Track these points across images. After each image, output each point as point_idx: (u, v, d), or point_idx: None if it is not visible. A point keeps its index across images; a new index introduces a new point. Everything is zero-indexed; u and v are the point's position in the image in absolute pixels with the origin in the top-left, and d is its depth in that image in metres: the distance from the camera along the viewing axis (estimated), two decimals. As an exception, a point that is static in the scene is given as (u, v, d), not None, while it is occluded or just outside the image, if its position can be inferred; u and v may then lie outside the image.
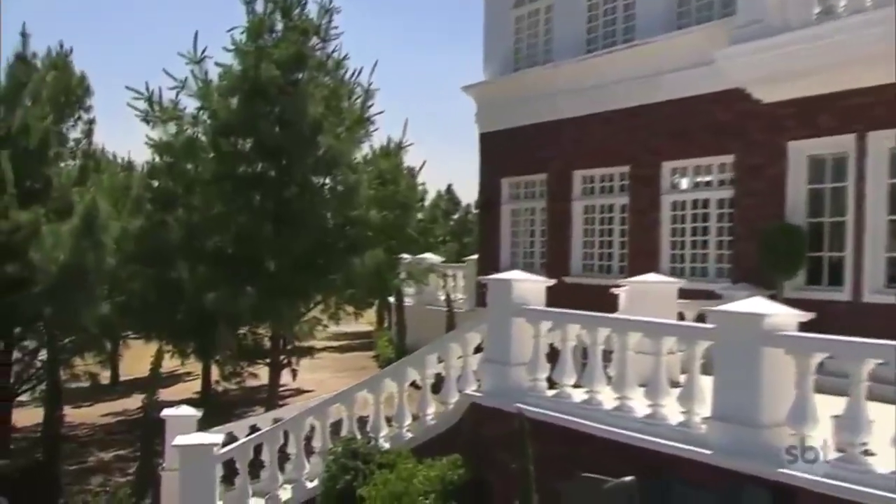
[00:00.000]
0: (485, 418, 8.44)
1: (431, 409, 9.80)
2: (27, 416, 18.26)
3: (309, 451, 11.25)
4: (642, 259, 14.77)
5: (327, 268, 17.53)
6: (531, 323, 8.08)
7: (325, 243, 18.22)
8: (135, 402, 15.57)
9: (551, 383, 8.11)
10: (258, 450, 11.35)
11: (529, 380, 8.08)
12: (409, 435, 9.82)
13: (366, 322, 33.91)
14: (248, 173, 17.91)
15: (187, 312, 17.06)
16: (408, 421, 10.05)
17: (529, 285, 8.50)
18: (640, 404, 7.04)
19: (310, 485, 10.52)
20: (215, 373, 20.56)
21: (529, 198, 18.95)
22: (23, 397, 16.46)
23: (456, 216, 57.31)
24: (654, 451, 6.47)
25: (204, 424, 13.12)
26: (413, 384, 10.26)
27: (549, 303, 8.45)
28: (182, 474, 10.91)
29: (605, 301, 10.32)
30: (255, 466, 11.60)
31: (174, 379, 28.04)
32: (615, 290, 10.86)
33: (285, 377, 19.87)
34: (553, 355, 8.12)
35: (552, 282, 8.72)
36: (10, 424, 15.73)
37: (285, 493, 10.91)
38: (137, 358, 17.07)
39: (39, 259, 13.35)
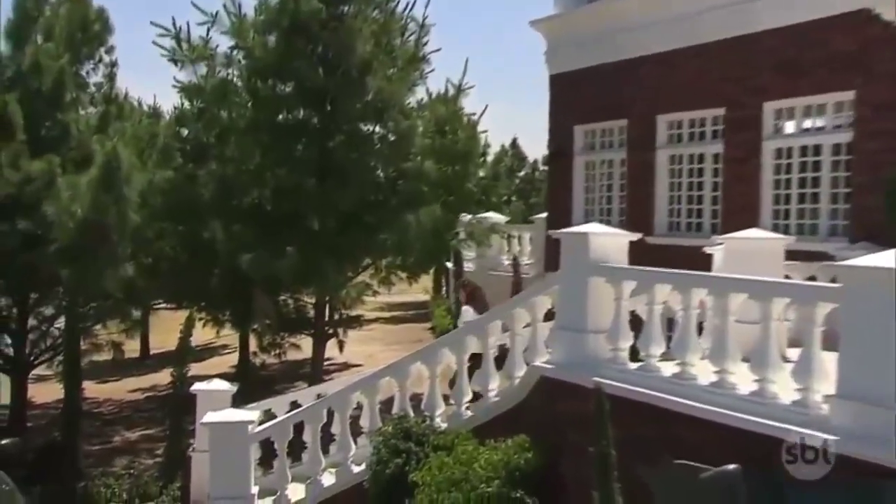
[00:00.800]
0: (557, 394, 8.05)
1: (494, 385, 9.45)
2: (48, 391, 18.58)
3: (356, 432, 11.07)
4: (738, 216, 14.09)
5: (377, 226, 17.31)
6: (612, 283, 7.63)
7: (374, 199, 18.01)
8: (165, 376, 15.64)
9: (634, 354, 7.67)
10: (299, 429, 11.21)
11: (609, 350, 7.64)
12: (469, 414, 9.50)
13: (421, 290, 33.81)
14: (289, 121, 17.75)
15: (221, 276, 17.05)
16: (467, 398, 9.72)
17: (609, 240, 8.03)
18: (743, 379, 6.56)
19: (356, 469, 10.32)
20: (254, 345, 20.63)
21: (606, 147, 18.35)
22: (43, 371, 16.64)
23: (522, 174, 56.74)
24: (763, 434, 5.99)
25: (240, 401, 13.08)
26: (474, 356, 9.93)
27: (630, 265, 7.99)
28: (213, 455, 10.82)
29: (693, 264, 9.73)
30: (296, 448, 11.49)
31: (209, 352, 28.40)
32: (708, 250, 10.32)
33: (331, 350, 19.82)
34: (633, 325, 7.70)
35: (636, 236, 8.23)
36: (26, 399, 15.93)
37: (329, 477, 10.75)
38: (169, 330, 17.15)
39: (55, 213, 13.33)
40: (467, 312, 12.95)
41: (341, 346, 19.54)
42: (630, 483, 6.55)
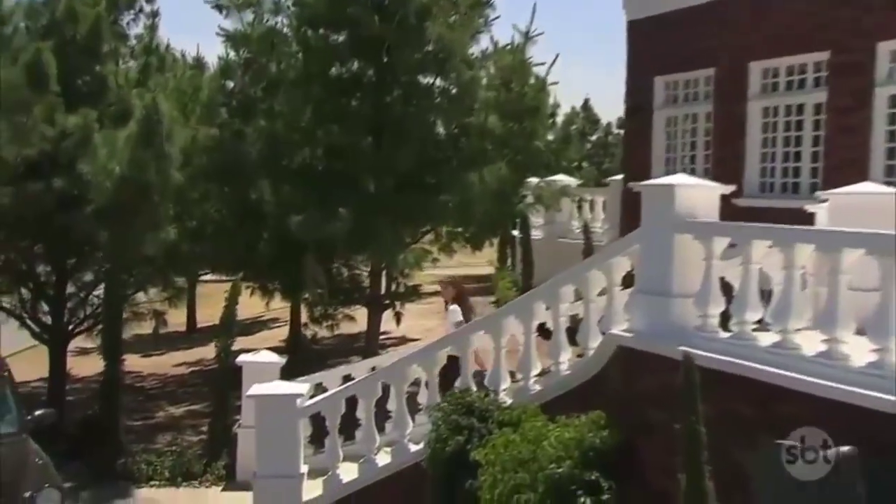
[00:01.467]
0: (637, 366, 7.68)
1: (566, 357, 9.13)
2: (90, 365, 18.76)
3: (414, 408, 10.85)
4: (843, 173, 13.37)
5: (437, 188, 16.98)
6: (701, 240, 7.18)
7: (434, 158, 17.67)
8: (212, 351, 15.62)
9: (724, 322, 7.23)
10: (353, 405, 11.03)
11: (698, 316, 7.22)
12: (537, 388, 9.22)
13: (485, 261, 33.44)
14: (342, 74, 17.50)
15: (270, 241, 16.93)
16: (535, 371, 9.42)
17: (698, 192, 7.59)
18: (857, 350, 6.09)
19: (413, 447, 10.13)
20: (305, 317, 20.55)
21: (690, 100, 17.72)
22: (82, 341, 16.78)
23: (594, 138, 55.82)
24: (882, 412, 5.53)
25: (289, 374, 12.97)
26: (542, 328, 9.59)
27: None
28: (259, 431, 10.74)
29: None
30: (350, 426, 11.32)
31: (258, 325, 28.51)
32: (810, 208, 9.78)
33: (388, 323, 19.62)
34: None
35: (729, 188, 7.76)
36: (65, 371, 16.07)
37: (383, 457, 10.57)
38: (217, 304, 17.07)
39: (91, 171, 13.29)
40: (455, 313, 12.57)
41: (398, 318, 19.25)
42: (722, 465, 6.19)
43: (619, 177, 20.30)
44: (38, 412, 9.97)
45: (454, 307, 12.77)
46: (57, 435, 14.32)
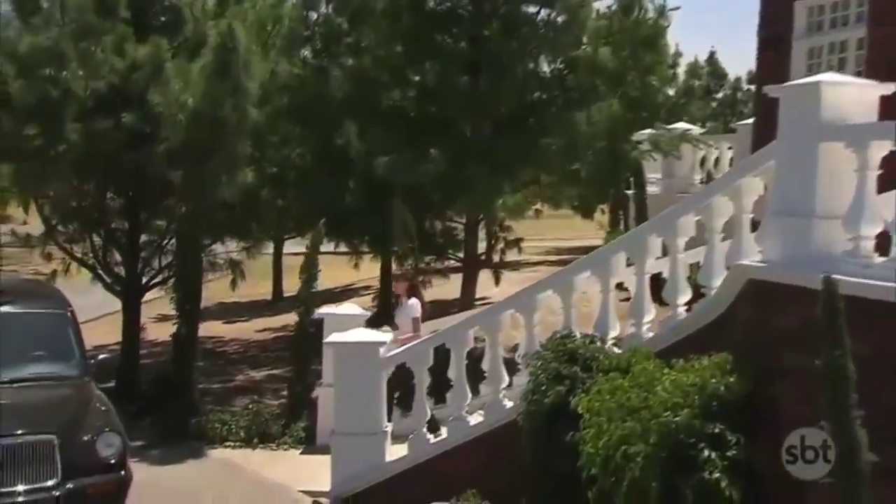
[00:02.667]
0: (771, 301, 7.01)
1: (684, 298, 8.51)
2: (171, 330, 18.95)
3: (511, 368, 10.35)
4: None
5: (540, 130, 16.46)
6: (854, 147, 6.46)
7: (537, 98, 17.20)
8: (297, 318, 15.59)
9: (883, 247, 6.52)
10: (443, 368, 10.63)
11: (848, 239, 6.51)
12: (651, 335, 8.61)
13: (596, 227, 32.71)
14: (436, 5, 17.10)
15: (356, 189, 16.71)
16: (649, 316, 8.84)
17: (850, 91, 6.85)
18: None
19: (508, 404, 9.69)
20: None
21: (838, 26, 16.59)
22: (156, 294, 16.85)
23: (720, 95, 54.07)
24: None
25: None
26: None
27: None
28: (338, 383, 10.48)
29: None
30: (440, 390, 10.94)
31: (349, 293, 28.55)
32: None
33: (486, 289, 19.20)
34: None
35: (890, 87, 6.98)
36: (139, 324, 16.16)
37: (476, 416, 10.15)
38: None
39: (163, 104, 13.18)
40: (414, 307, 12.02)
41: (497, 277, 18.82)
42: (876, 413, 5.55)
43: (749, 121, 19.32)
44: (101, 356, 9.90)
45: (412, 301, 12.20)
46: (130, 394, 14.50)
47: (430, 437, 10.31)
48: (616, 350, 8.68)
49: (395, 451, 10.46)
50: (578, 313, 9.55)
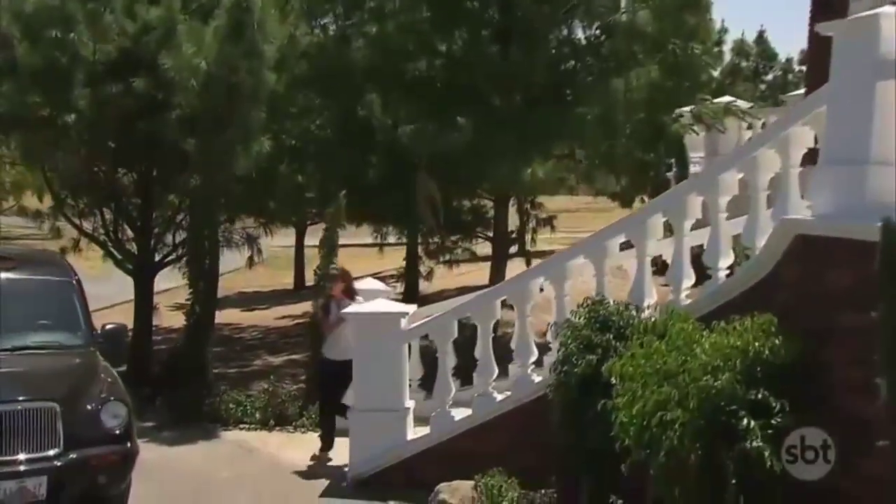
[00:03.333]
0: (821, 259, 6.75)
1: (726, 262, 8.27)
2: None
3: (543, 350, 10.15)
4: None
5: (575, 100, 16.23)
6: (916, 85, 6.20)
7: (571, 67, 16.93)
8: (319, 305, 15.56)
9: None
10: (467, 349, 10.45)
11: (909, 186, 6.25)
12: (689, 301, 8.37)
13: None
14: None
15: (379, 163, 16.55)
16: (689, 282, 8.61)
17: (912, 23, 6.55)
18: None
19: (537, 378, 9.49)
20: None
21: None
22: (170, 273, 16.77)
23: (769, 77, 53.33)
24: None
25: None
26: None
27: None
28: (357, 357, 10.33)
29: None
30: (466, 369, 10.76)
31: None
32: None
33: (515, 265, 18.98)
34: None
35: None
36: (151, 306, 16.08)
37: (502, 395, 9.96)
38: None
39: (175, 67, 13.07)
40: (353, 312, 10.90)
41: (528, 258, 18.58)
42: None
43: (800, 91, 18.96)
44: (108, 325, 9.77)
45: (349, 305, 11.36)
46: (142, 377, 14.43)
47: (455, 414, 10.13)
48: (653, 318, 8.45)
49: (418, 433, 10.31)
50: (611, 284, 9.36)
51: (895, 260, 5.40)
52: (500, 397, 9.87)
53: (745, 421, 6.42)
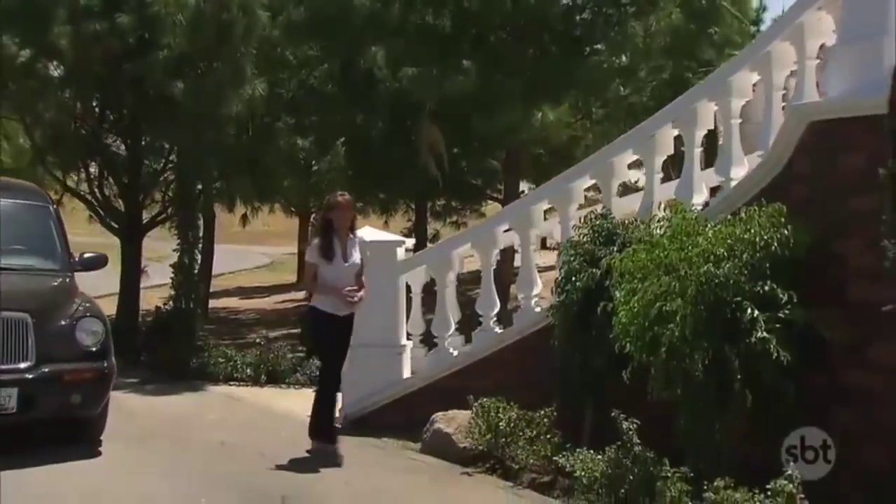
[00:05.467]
0: (836, 143, 6.84)
1: (739, 171, 8.35)
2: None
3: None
4: None
5: (590, 47, 16.37)
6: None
7: (588, 16, 17.07)
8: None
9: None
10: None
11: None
12: (699, 210, 8.45)
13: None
14: None
15: (381, 116, 16.66)
16: (702, 197, 8.69)
17: None
18: None
19: (538, 309, 9.57)
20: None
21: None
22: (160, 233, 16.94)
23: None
24: None
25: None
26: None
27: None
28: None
29: None
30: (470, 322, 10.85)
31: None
32: None
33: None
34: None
35: None
36: (139, 271, 16.24)
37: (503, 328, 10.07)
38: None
39: (160, 3, 13.23)
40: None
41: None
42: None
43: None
44: (87, 254, 9.92)
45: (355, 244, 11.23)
46: (128, 344, 14.53)
47: (453, 350, 10.24)
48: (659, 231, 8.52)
49: (415, 370, 10.44)
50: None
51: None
52: (500, 331, 9.96)
53: (750, 311, 6.52)
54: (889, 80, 5.92)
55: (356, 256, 9.08)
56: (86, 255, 9.93)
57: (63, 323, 8.50)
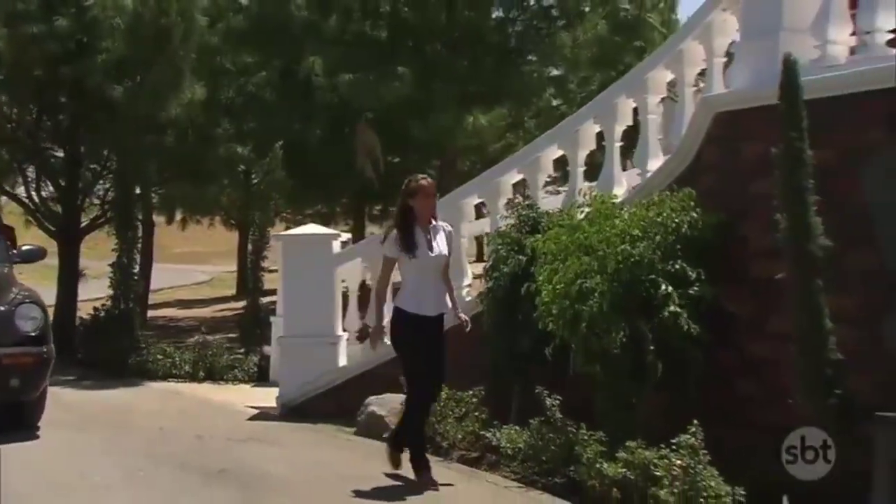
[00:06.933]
0: (738, 131, 7.34)
1: (655, 163, 8.81)
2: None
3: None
4: None
5: (521, 58, 16.86)
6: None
7: (521, 28, 17.54)
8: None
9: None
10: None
11: (814, 48, 6.85)
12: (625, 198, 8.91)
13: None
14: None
15: (319, 121, 16.97)
16: (619, 189, 9.12)
17: None
18: None
19: (469, 298, 9.93)
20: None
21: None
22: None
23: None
24: None
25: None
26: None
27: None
28: (286, 282, 10.75)
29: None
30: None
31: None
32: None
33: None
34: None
35: None
36: (77, 275, 16.35)
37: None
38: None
39: (99, 5, 13.43)
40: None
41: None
42: (842, 218, 6.03)
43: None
44: (25, 246, 10.13)
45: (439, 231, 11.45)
46: (66, 349, 14.63)
47: (387, 339, 10.55)
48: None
49: (350, 359, 10.73)
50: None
51: (795, 93, 5.99)
52: (437, 318, 10.28)
53: (664, 287, 6.98)
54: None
55: (442, 245, 7.63)
56: (24, 248, 10.15)
57: (2, 309, 8.69)
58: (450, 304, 7.72)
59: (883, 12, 6.46)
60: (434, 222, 7.65)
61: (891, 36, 6.54)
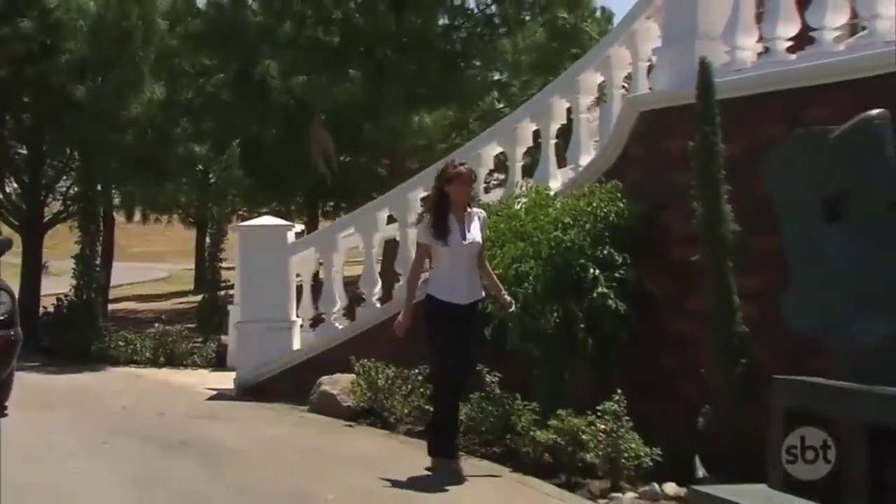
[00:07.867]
0: (660, 129, 7.77)
1: (587, 158, 9.23)
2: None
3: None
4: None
5: (465, 63, 17.23)
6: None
7: (466, 33, 17.88)
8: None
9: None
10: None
11: (724, 53, 7.31)
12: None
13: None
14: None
15: (275, 120, 17.20)
16: (555, 183, 9.51)
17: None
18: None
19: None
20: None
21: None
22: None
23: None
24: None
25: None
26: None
27: None
28: (242, 270, 11.00)
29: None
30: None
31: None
32: None
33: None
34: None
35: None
36: (40, 266, 16.45)
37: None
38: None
39: (62, 8, 13.61)
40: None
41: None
42: (748, 206, 6.36)
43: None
44: (-3, 238, 10.30)
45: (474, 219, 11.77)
46: (30, 340, 14.73)
47: (339, 324, 10.89)
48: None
49: (304, 343, 11.04)
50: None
51: (709, 91, 6.42)
52: (381, 306, 10.65)
53: (593, 270, 7.40)
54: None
55: (476, 233, 7.17)
56: (-3, 239, 10.30)
57: None
58: (483, 292, 7.31)
59: (782, 23, 6.91)
60: (469, 209, 7.30)
61: (790, 43, 6.99)
